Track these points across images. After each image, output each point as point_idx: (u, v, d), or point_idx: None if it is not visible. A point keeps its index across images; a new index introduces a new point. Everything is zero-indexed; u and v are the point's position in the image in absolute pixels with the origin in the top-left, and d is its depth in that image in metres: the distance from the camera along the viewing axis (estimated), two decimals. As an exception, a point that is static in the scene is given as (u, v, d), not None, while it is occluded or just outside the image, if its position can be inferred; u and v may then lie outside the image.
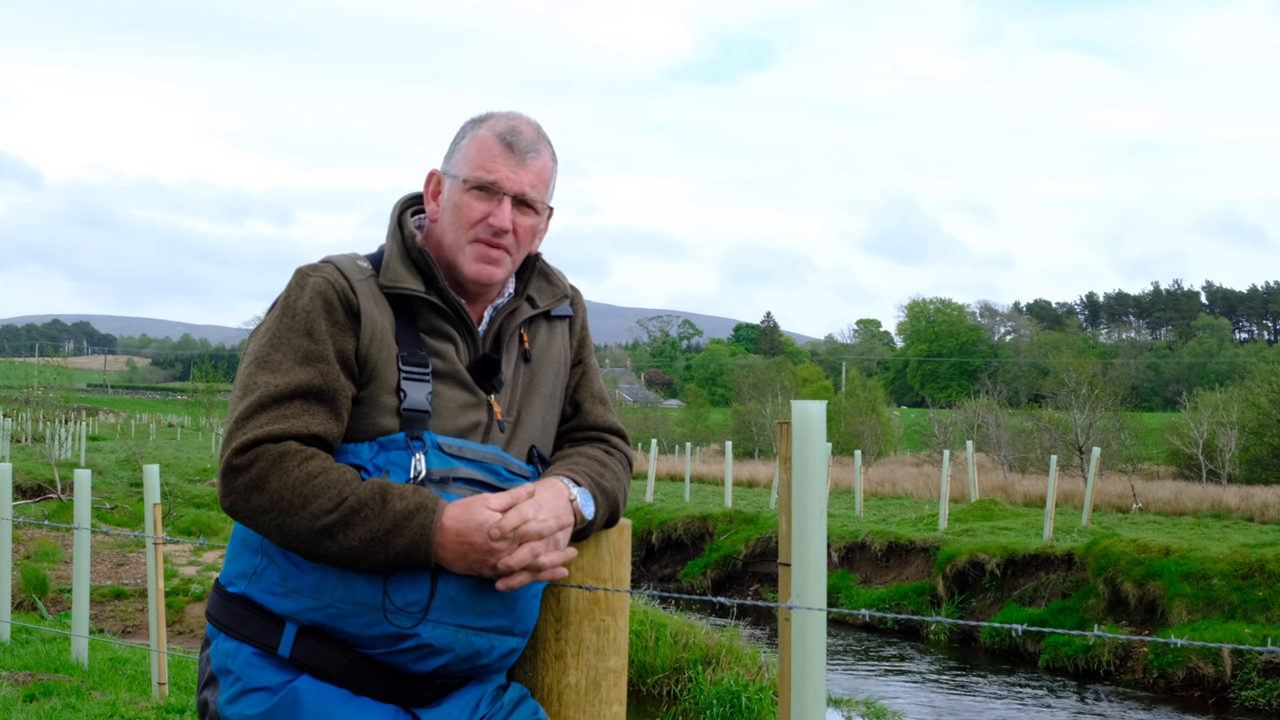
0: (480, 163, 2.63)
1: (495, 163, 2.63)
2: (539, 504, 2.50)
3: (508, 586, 2.46)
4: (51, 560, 17.21)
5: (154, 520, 8.57)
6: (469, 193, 2.63)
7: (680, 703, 12.74)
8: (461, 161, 2.66)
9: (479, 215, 2.62)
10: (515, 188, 2.63)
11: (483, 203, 2.63)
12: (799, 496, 3.76)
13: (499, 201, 2.62)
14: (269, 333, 2.55)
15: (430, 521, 2.41)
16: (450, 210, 2.66)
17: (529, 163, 2.65)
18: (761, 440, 58.55)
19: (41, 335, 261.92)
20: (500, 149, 2.63)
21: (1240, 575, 16.77)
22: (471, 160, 2.64)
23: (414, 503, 2.42)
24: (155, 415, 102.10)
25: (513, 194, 2.63)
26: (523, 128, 2.67)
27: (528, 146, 2.65)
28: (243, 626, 2.54)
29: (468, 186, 2.63)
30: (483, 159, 2.63)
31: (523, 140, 2.65)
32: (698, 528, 26.56)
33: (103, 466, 35.36)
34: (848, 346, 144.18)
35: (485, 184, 2.62)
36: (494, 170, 2.62)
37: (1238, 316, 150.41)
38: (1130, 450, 41.15)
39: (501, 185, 2.62)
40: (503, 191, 2.62)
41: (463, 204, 2.63)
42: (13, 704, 7.63)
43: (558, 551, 2.51)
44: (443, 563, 2.43)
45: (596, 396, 2.89)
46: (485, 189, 2.62)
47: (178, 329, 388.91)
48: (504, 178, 2.62)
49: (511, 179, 2.63)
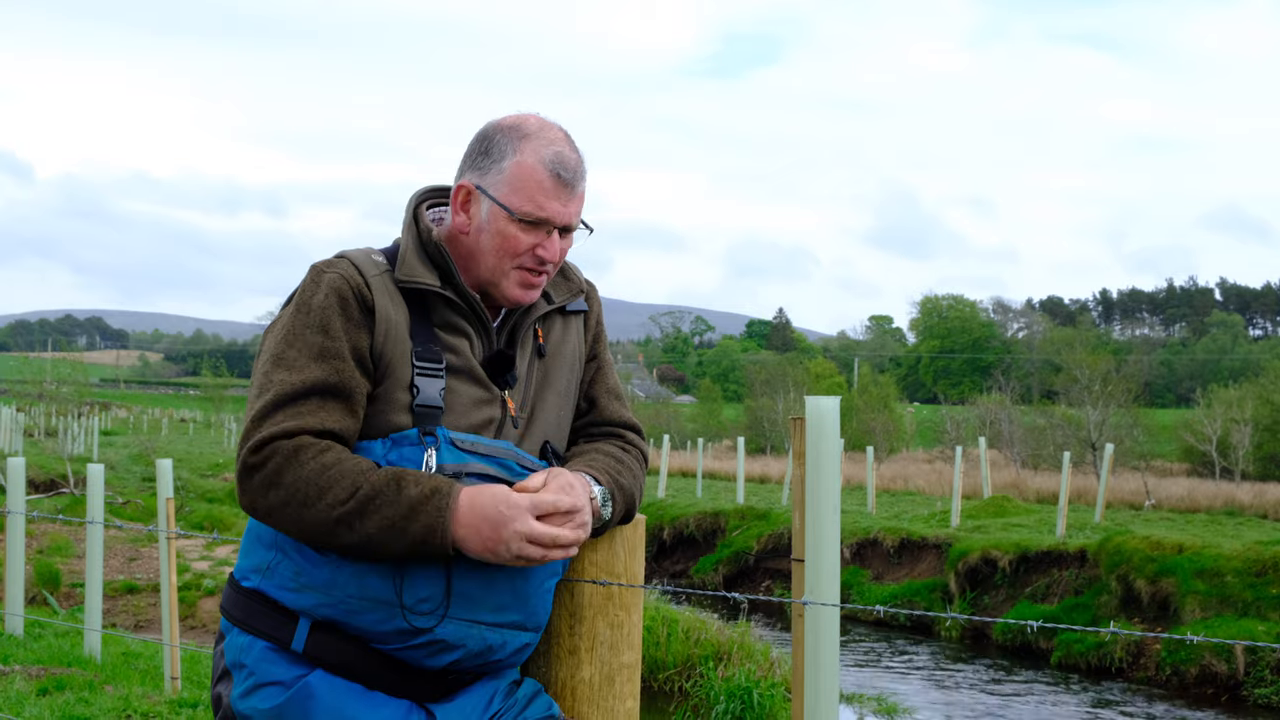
0: (530, 196, 2.57)
1: (548, 198, 2.57)
2: (560, 478, 2.50)
3: (528, 562, 2.42)
4: (64, 555, 17.27)
5: (167, 515, 8.58)
6: (514, 224, 2.58)
7: (691, 699, 12.73)
8: (506, 189, 2.59)
9: (526, 246, 2.59)
10: (565, 220, 2.60)
11: (530, 235, 2.59)
12: (813, 492, 3.75)
13: (548, 234, 2.59)
14: (284, 330, 2.55)
15: (446, 504, 2.40)
16: (493, 236, 2.60)
17: (578, 192, 2.62)
18: (774, 436, 58.51)
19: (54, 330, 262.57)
20: (551, 183, 2.58)
21: (1254, 572, 16.72)
22: (519, 191, 2.58)
23: (429, 487, 2.41)
24: (168, 410, 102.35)
25: (562, 225, 2.60)
26: (568, 155, 2.61)
27: (575, 176, 2.61)
28: (256, 621, 2.54)
29: (514, 219, 2.58)
30: (532, 192, 2.57)
31: (569, 170, 2.60)
32: (710, 523, 26.57)
33: (115, 461, 35.43)
34: (860, 342, 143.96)
35: (538, 220, 2.58)
36: (546, 207, 2.57)
37: (1252, 313, 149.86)
38: (1143, 447, 41.09)
39: (553, 220, 2.59)
40: (554, 225, 2.59)
41: (509, 234, 2.59)
42: (26, 698, 7.65)
43: (578, 528, 2.48)
44: (460, 544, 2.41)
45: (612, 392, 2.87)
46: (537, 224, 2.59)
47: (190, 324, 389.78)
48: (556, 213, 2.58)
49: (562, 213, 2.59)
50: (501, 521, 2.40)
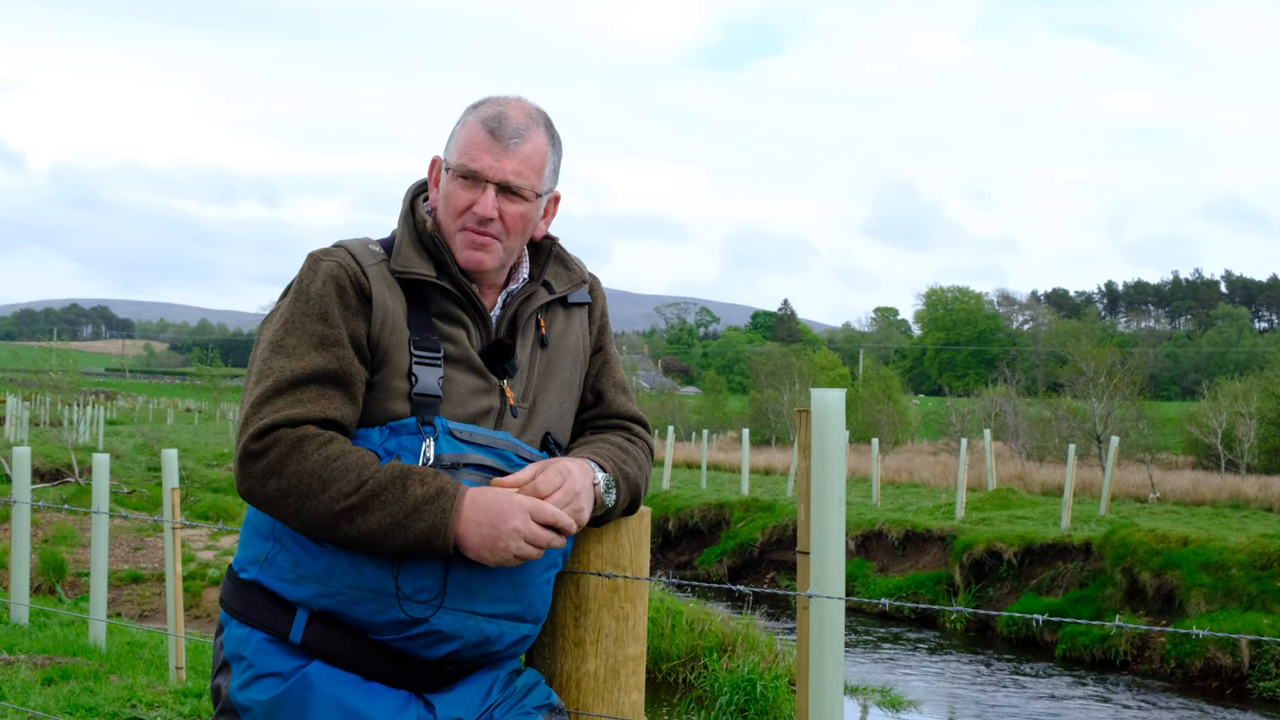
0: (465, 150, 2.61)
1: (479, 151, 2.60)
2: (554, 464, 2.51)
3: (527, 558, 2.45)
4: (69, 544, 17.28)
5: (172, 505, 8.59)
6: (455, 181, 2.62)
7: (696, 690, 12.74)
8: (453, 149, 2.65)
9: (465, 204, 2.61)
10: (498, 176, 2.60)
11: (468, 191, 2.61)
12: (818, 484, 3.74)
13: (483, 190, 2.59)
14: (283, 318, 2.55)
15: (450, 505, 2.40)
16: (442, 198, 2.65)
17: (513, 149, 2.61)
18: (779, 428, 58.45)
19: (60, 320, 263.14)
20: (484, 136, 2.60)
21: (1259, 565, 16.70)
22: (459, 148, 2.63)
23: (434, 487, 2.41)
24: (173, 400, 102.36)
25: (496, 182, 2.60)
26: (510, 113, 2.63)
27: (512, 133, 2.61)
28: (254, 612, 2.54)
29: (454, 175, 2.62)
30: (468, 147, 2.61)
31: (507, 127, 2.61)
32: (714, 515, 26.56)
33: (120, 451, 35.48)
34: (865, 334, 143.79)
35: (469, 173, 2.60)
36: (477, 159, 2.60)
37: (1258, 306, 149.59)
38: (1149, 440, 40.96)
39: (484, 174, 2.59)
40: (486, 180, 2.59)
41: (451, 192, 2.62)
42: (31, 687, 7.66)
43: (575, 513, 2.49)
44: (461, 547, 2.42)
45: (619, 385, 2.88)
46: (470, 177, 2.60)
47: (194, 314, 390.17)
48: (486, 166, 2.59)
49: (494, 167, 2.60)
50: (503, 523, 2.41)
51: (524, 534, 2.41)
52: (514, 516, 2.41)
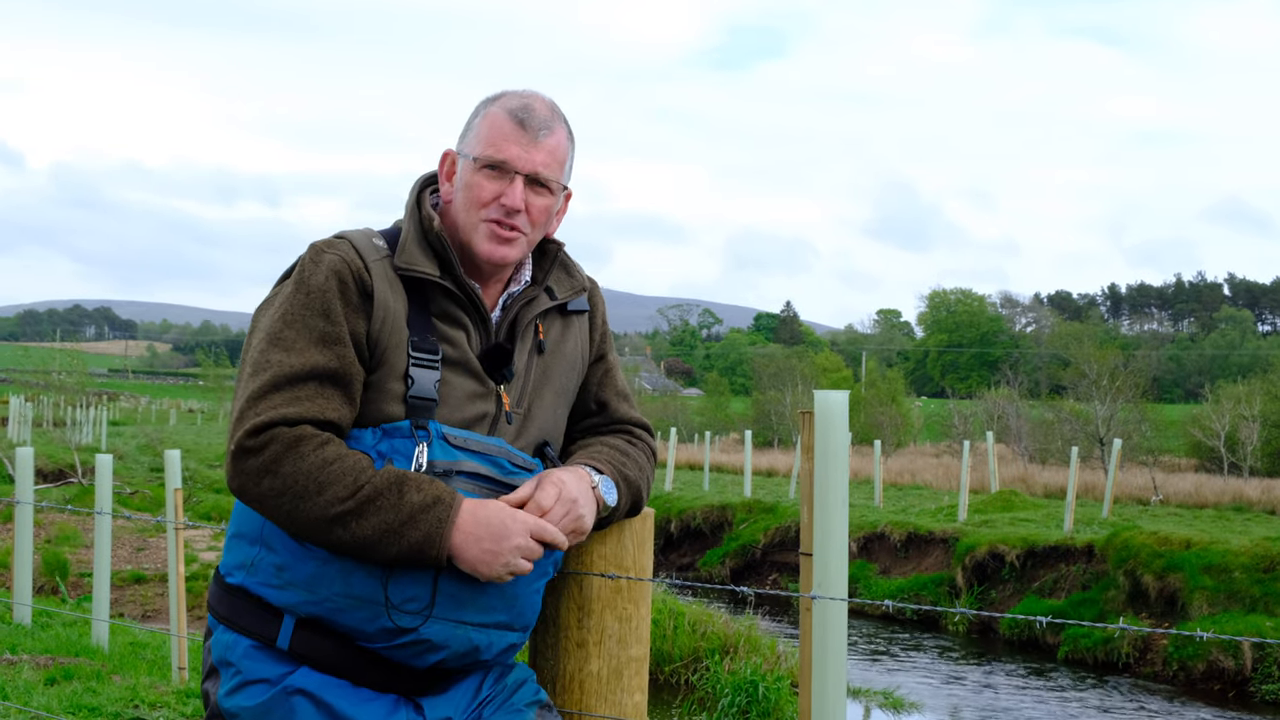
0: (492, 141, 2.57)
1: (507, 141, 2.56)
2: (548, 478, 2.49)
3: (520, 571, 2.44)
4: (72, 544, 17.29)
5: (175, 505, 8.59)
6: (480, 172, 2.57)
7: (698, 691, 12.74)
8: (474, 140, 2.60)
9: (491, 195, 2.56)
10: (528, 167, 2.57)
11: (494, 182, 2.56)
12: (821, 486, 3.74)
13: (511, 180, 2.56)
14: (282, 308, 2.48)
15: (446, 515, 2.37)
16: (463, 190, 2.60)
17: (541, 140, 2.58)
18: (781, 429, 58.39)
19: (63, 320, 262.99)
20: (512, 127, 2.57)
21: (1261, 568, 16.69)
22: (483, 139, 2.58)
23: (430, 495, 2.38)
24: (175, 401, 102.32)
25: (525, 173, 2.57)
26: (536, 105, 2.60)
27: (541, 124, 2.58)
28: (241, 618, 2.51)
29: (479, 166, 2.57)
30: (494, 137, 2.57)
31: (535, 118, 2.58)
32: (717, 517, 26.54)
33: (123, 452, 35.50)
34: (867, 336, 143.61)
35: (497, 163, 2.56)
36: (505, 149, 2.56)
37: (1261, 309, 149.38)
38: (1151, 442, 40.93)
39: (513, 164, 2.56)
40: (515, 170, 2.56)
41: (474, 184, 2.58)
42: (34, 687, 7.66)
43: (574, 521, 2.48)
44: (456, 559, 2.39)
45: (620, 393, 2.85)
46: (497, 168, 2.56)
47: (197, 314, 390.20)
48: (515, 156, 2.56)
49: (523, 158, 2.56)
50: (505, 540, 2.39)
51: (524, 552, 2.41)
52: (516, 534, 2.40)
